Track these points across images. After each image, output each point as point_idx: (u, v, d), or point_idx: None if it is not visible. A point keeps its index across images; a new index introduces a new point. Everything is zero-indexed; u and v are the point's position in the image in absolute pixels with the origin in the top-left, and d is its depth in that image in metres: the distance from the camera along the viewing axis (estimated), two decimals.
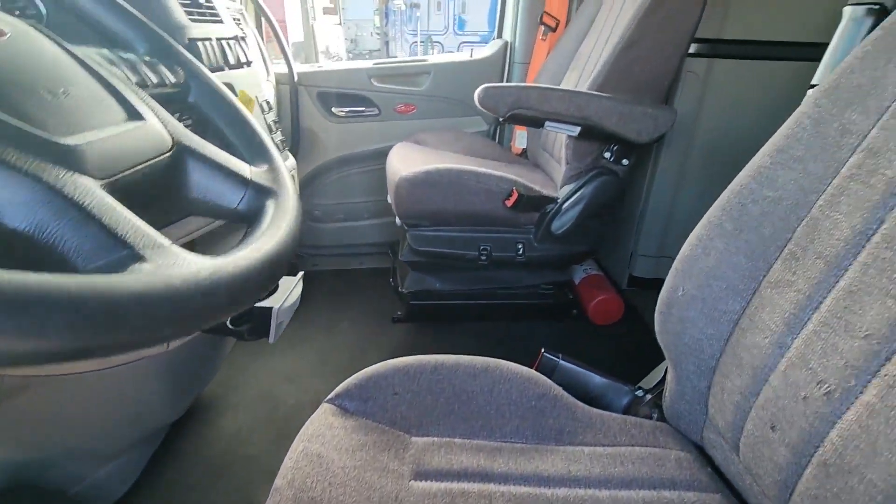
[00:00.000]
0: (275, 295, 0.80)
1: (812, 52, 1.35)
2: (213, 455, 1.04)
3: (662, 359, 0.66)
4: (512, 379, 0.68)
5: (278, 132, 1.01)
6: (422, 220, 1.28)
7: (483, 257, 1.31)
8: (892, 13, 0.48)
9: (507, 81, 1.74)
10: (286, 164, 1.03)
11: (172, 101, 0.43)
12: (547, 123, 1.13)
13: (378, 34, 12.40)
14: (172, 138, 0.34)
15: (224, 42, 0.86)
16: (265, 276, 0.31)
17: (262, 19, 1.54)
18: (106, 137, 0.27)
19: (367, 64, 1.67)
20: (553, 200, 1.26)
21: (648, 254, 1.64)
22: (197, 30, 0.80)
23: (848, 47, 0.59)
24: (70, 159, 0.24)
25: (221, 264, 0.27)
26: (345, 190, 1.82)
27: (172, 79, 0.43)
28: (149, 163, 0.30)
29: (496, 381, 0.67)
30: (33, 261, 0.22)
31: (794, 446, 0.47)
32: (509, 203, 1.19)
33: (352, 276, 1.82)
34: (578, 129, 1.13)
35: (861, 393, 0.42)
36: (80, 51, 0.36)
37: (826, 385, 0.45)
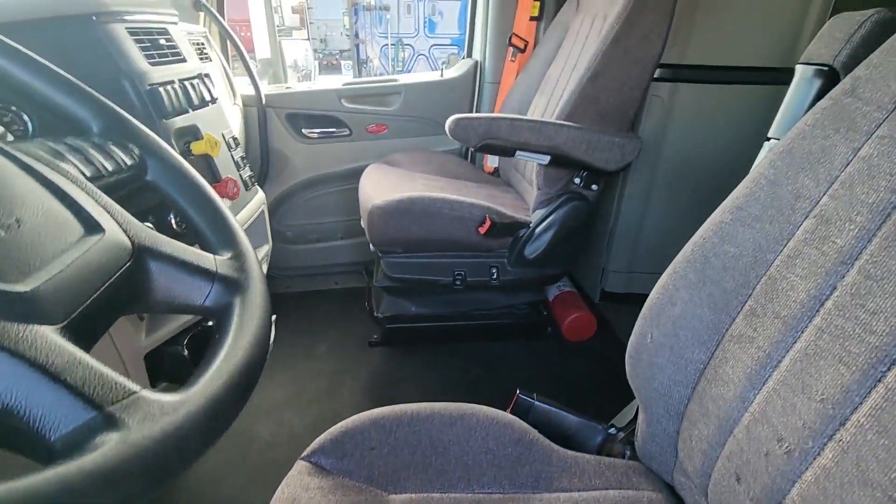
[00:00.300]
0: None
1: (769, 76, 1.41)
2: (183, 500, 1.02)
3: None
4: (488, 425, 0.69)
5: (246, 168, 1.00)
6: (395, 246, 1.28)
7: (458, 282, 1.31)
8: (839, 83, 0.50)
9: (478, 101, 1.75)
10: (255, 199, 1.02)
11: (130, 183, 0.42)
12: (517, 153, 1.14)
13: (348, 35, 12.30)
14: (132, 242, 0.33)
15: (188, 83, 0.84)
16: (236, 401, 0.30)
17: (228, 41, 1.51)
18: (64, 269, 0.26)
19: (336, 85, 1.66)
20: (525, 225, 1.27)
21: (619, 269, 1.68)
22: (158, 73, 0.78)
23: (800, 104, 0.62)
24: (25, 309, 0.23)
25: (192, 400, 0.26)
26: (317, 210, 1.80)
27: (128, 161, 0.41)
28: (110, 281, 0.29)
29: (472, 429, 0.68)
30: (4, 434, 0.21)
31: (759, 500, 0.48)
32: (482, 230, 1.20)
33: (327, 297, 1.80)
34: (548, 157, 1.15)
35: (818, 455, 0.44)
36: (26, 148, 0.35)
37: (786, 444, 0.47)
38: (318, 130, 1.66)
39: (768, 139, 0.67)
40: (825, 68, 0.58)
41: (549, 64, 1.49)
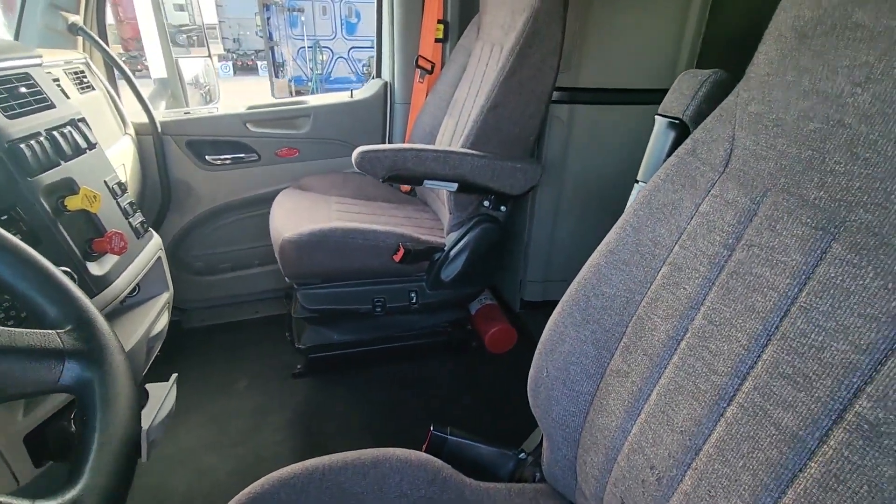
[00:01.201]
0: (144, 409, 0.75)
1: (654, 96, 1.53)
2: None
3: None
4: (402, 469, 0.70)
5: (136, 214, 0.93)
6: (311, 278, 1.26)
7: (378, 309, 1.32)
8: (684, 142, 0.57)
9: (390, 122, 1.76)
10: (149, 246, 0.96)
11: None
12: (426, 182, 1.17)
13: (262, 36, 11.81)
14: None
15: (57, 132, 0.77)
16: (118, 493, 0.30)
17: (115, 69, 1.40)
18: None
19: (240, 109, 1.59)
20: (440, 248, 1.30)
21: (536, 279, 1.76)
22: (19, 127, 0.71)
23: (659, 152, 0.69)
24: None
25: None
26: (230, 238, 1.73)
27: None
28: None
29: (385, 476, 0.69)
30: None
31: None
32: (397, 258, 1.21)
33: (246, 327, 1.73)
34: (456, 185, 1.18)
35: (681, 482, 0.49)
36: None
37: (657, 471, 0.52)
38: (223, 157, 1.59)
39: (637, 181, 0.73)
40: (677, 121, 0.65)
41: (456, 86, 1.53)
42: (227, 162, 1.59)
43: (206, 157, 1.57)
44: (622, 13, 1.39)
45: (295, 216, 1.33)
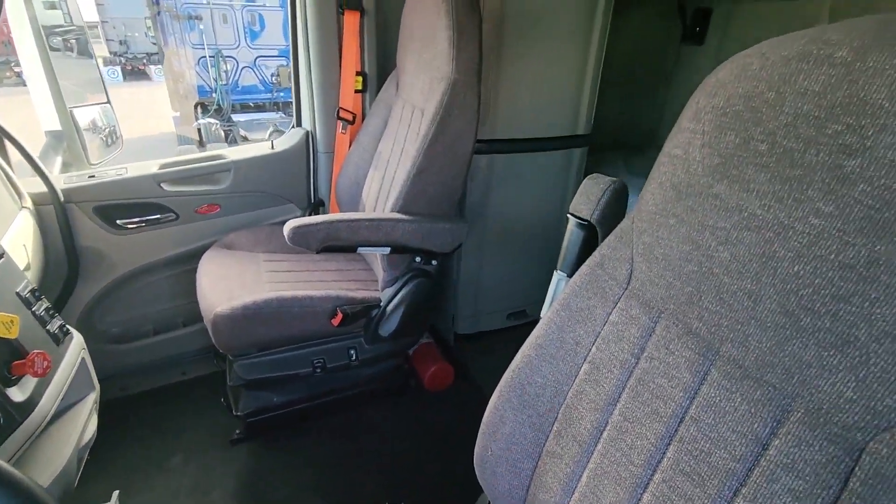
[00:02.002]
0: None
1: (560, 143, 1.68)
2: None
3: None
4: None
5: (54, 319, 0.88)
6: (247, 349, 1.25)
7: (318, 370, 1.33)
8: (592, 254, 0.66)
9: (314, 172, 1.76)
10: (70, 351, 0.91)
11: None
12: (359, 248, 1.20)
13: (154, 42, 10.98)
14: None
15: None
16: None
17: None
18: None
19: (152, 169, 1.52)
20: (377, 304, 1.34)
21: (467, 314, 1.85)
22: None
23: (573, 247, 0.79)
24: None
25: None
26: (150, 300, 1.64)
27: None
28: None
29: None
30: None
31: None
32: (336, 322, 1.23)
33: (176, 391, 1.65)
34: (389, 248, 1.23)
35: None
36: None
37: None
38: (137, 220, 1.51)
39: (556, 270, 0.82)
40: (585, 222, 0.75)
41: (379, 139, 1.57)
42: (142, 225, 1.51)
43: (118, 221, 1.48)
44: (529, 70, 1.51)
45: (224, 283, 1.30)
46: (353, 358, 1.36)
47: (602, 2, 1.52)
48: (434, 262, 1.36)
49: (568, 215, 0.78)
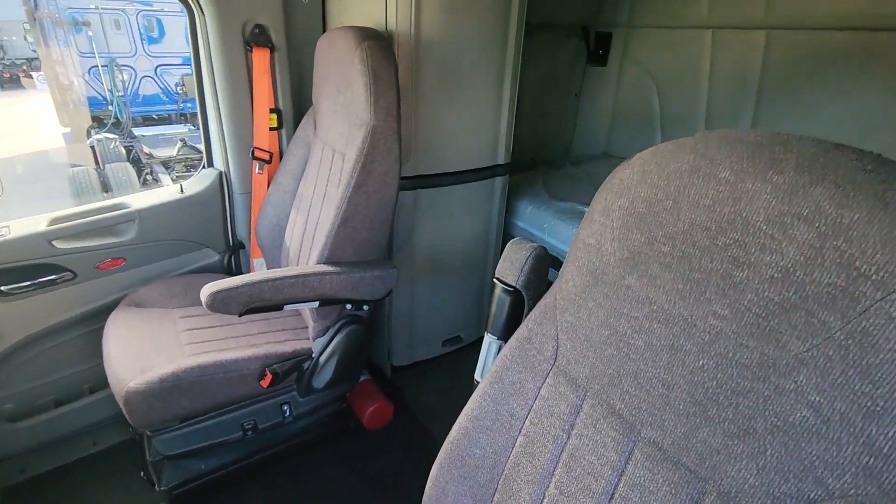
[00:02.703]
0: None
1: (482, 174, 1.71)
2: None
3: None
4: None
5: None
6: (167, 423, 1.15)
7: (249, 433, 1.26)
8: (521, 328, 0.68)
9: (231, 215, 1.67)
10: None
11: None
12: (286, 306, 1.15)
13: (34, 50, 9.86)
14: None
15: None
16: None
17: None
18: None
19: (40, 225, 1.36)
20: (308, 356, 1.29)
21: (402, 346, 1.84)
22: None
23: (500, 311, 0.81)
24: None
25: None
26: (50, 368, 1.47)
27: None
28: None
29: None
30: None
31: None
32: (265, 384, 1.18)
33: (87, 466, 1.49)
34: (318, 303, 1.19)
35: None
36: None
37: None
38: (26, 283, 1.34)
39: (487, 333, 0.84)
40: (511, 288, 0.77)
41: (299, 179, 1.51)
42: (33, 288, 1.36)
43: (2, 287, 1.32)
44: (448, 107, 1.53)
45: (136, 350, 1.20)
46: (287, 414, 1.30)
47: (513, 35, 1.57)
48: (366, 308, 1.34)
49: (494, 280, 0.80)
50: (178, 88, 10.36)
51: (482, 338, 0.85)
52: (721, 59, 2.18)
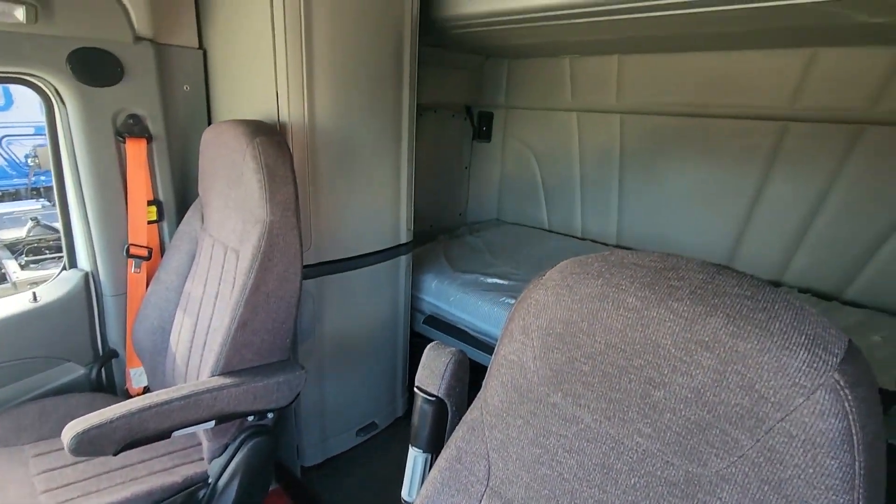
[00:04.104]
0: None
1: (385, 255, 1.71)
2: None
3: None
4: None
5: None
6: None
7: None
8: (450, 445, 0.65)
9: (100, 321, 1.46)
10: None
11: None
12: (175, 433, 1.00)
13: None
14: None
15: None
16: None
17: None
18: None
19: None
20: (203, 482, 1.13)
21: (313, 441, 1.69)
22: None
23: (423, 421, 0.78)
24: None
25: None
26: None
27: None
28: None
29: None
30: None
31: None
32: None
33: None
34: (214, 422, 1.06)
35: None
36: None
37: None
38: None
39: (412, 447, 0.80)
40: (433, 398, 0.75)
41: (185, 276, 1.38)
42: None
43: None
44: (347, 192, 1.52)
45: None
46: None
47: (406, 118, 1.64)
48: (270, 415, 1.21)
49: (415, 390, 0.77)
50: (30, 160, 9.20)
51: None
52: (587, 136, 2.47)
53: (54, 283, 1.41)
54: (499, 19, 1.67)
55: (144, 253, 1.44)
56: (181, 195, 1.51)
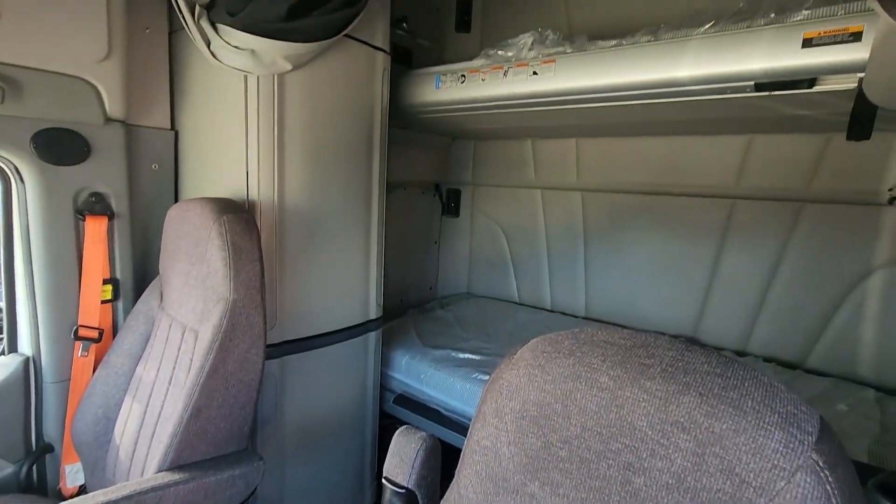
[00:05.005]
0: None
1: (353, 332, 1.66)
2: None
3: None
4: None
5: None
6: None
7: None
8: None
9: (37, 410, 1.33)
10: None
11: None
12: None
13: None
14: None
15: None
16: None
17: None
18: None
19: None
20: None
21: None
22: None
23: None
24: None
25: None
26: None
27: None
28: None
29: None
30: None
31: None
32: None
33: None
34: None
35: None
36: None
37: None
38: None
39: None
40: (403, 490, 0.70)
41: (137, 360, 1.29)
42: None
43: None
44: (315, 268, 1.51)
45: None
46: None
47: (376, 195, 1.66)
48: None
49: (383, 481, 0.71)
50: None
51: None
52: (551, 212, 2.57)
53: None
54: (461, 107, 1.78)
55: (94, 335, 1.35)
56: (140, 274, 1.46)
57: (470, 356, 1.89)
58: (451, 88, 1.74)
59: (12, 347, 1.36)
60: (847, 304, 1.82)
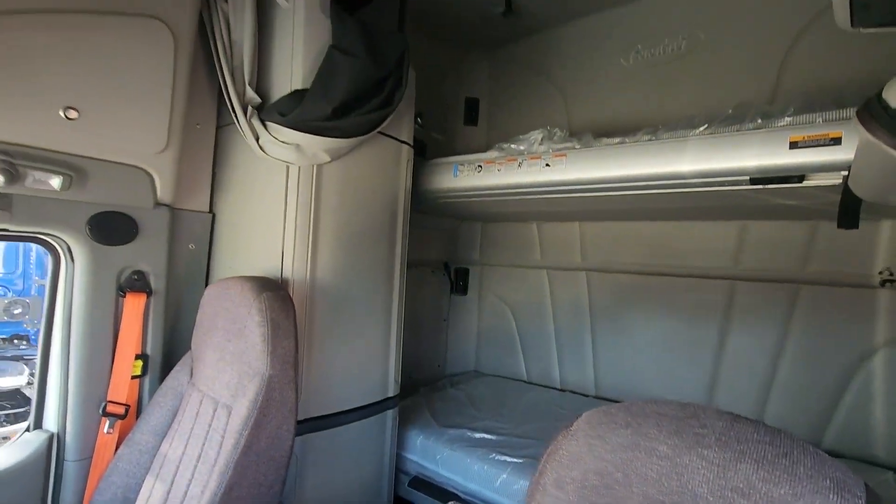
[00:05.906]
0: None
1: (373, 409, 1.67)
2: None
3: None
4: None
5: None
6: None
7: None
8: None
9: (54, 490, 1.31)
10: None
11: None
12: None
13: None
14: None
15: None
16: None
17: None
18: None
19: None
20: None
21: None
22: None
23: None
24: None
25: None
26: None
27: None
28: None
29: None
30: None
31: None
32: None
33: None
34: None
35: None
36: None
37: None
38: None
39: None
40: None
41: (162, 437, 1.30)
42: None
43: None
44: (339, 345, 1.55)
45: None
46: None
47: (398, 272, 1.74)
48: None
49: None
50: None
51: None
52: (558, 291, 2.65)
53: (13, 447, 1.29)
54: (477, 193, 1.93)
55: (121, 411, 1.36)
56: (168, 349, 1.49)
57: (486, 436, 1.88)
58: (468, 177, 1.89)
59: (38, 423, 1.36)
60: (854, 384, 1.85)
